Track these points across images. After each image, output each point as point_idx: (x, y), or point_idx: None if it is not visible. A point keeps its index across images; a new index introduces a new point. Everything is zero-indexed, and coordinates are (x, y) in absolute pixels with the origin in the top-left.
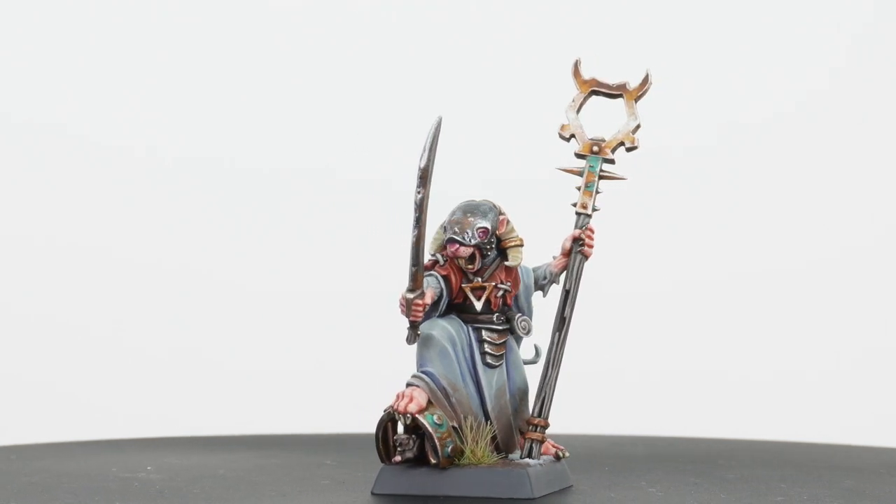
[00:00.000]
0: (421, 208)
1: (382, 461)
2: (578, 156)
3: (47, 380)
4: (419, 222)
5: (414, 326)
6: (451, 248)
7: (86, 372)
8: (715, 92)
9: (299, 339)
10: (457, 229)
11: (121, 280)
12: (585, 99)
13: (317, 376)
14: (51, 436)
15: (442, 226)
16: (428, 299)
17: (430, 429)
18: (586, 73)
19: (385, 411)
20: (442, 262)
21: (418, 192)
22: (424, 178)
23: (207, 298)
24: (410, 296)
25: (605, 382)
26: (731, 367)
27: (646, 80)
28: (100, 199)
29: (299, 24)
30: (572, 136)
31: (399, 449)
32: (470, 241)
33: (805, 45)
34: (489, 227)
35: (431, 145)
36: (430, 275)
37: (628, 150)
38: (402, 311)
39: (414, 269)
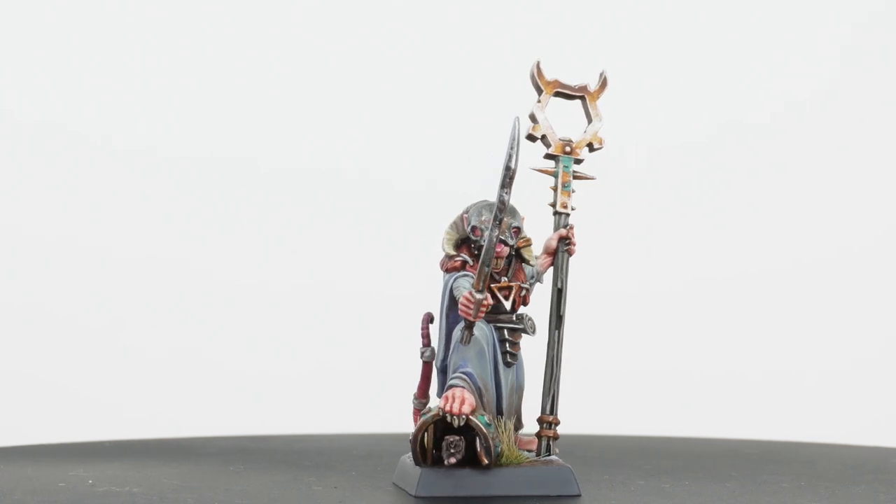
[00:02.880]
0: (504, 209)
1: (419, 464)
2: (550, 156)
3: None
4: (501, 223)
5: (471, 327)
6: (497, 249)
7: (84, 372)
8: (710, 91)
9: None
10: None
11: (111, 279)
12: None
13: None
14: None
15: (453, 224)
16: (490, 300)
17: (484, 429)
18: (548, 75)
19: (425, 413)
20: (471, 262)
21: (506, 193)
22: (513, 178)
23: (196, 298)
24: (480, 297)
25: (589, 382)
26: (727, 366)
27: (605, 82)
28: (100, 199)
29: (297, 24)
30: (543, 136)
31: (452, 451)
32: (509, 240)
33: (802, 46)
34: (521, 226)
35: (518, 146)
36: (465, 275)
37: (593, 150)
38: (468, 312)
39: (487, 269)
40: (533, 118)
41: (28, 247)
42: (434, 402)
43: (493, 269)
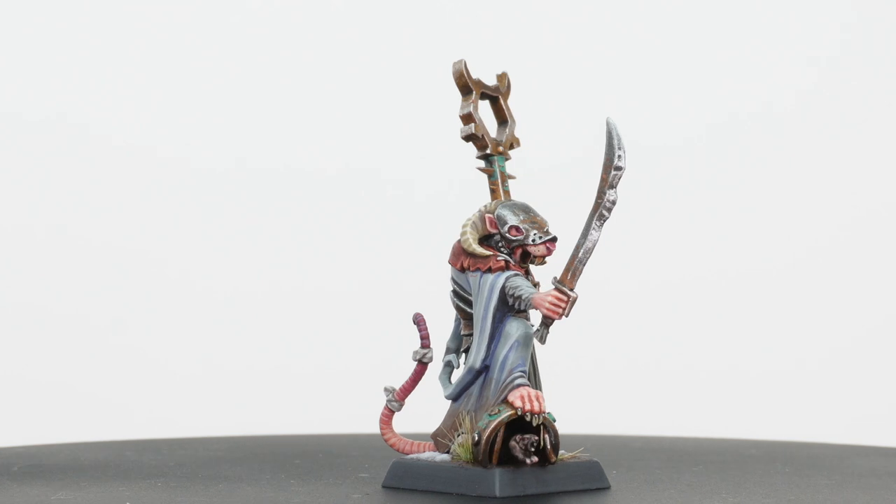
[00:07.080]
0: (612, 209)
1: (486, 466)
2: (485, 156)
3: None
4: (605, 222)
5: (549, 325)
6: (551, 247)
7: (84, 372)
8: (708, 91)
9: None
10: (546, 230)
11: (111, 279)
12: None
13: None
14: None
15: (474, 224)
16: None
17: (556, 427)
18: (473, 75)
19: (494, 414)
20: (513, 262)
21: (616, 193)
22: (621, 178)
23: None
24: (574, 294)
25: (588, 381)
26: (723, 365)
27: (509, 82)
28: (101, 198)
29: (297, 24)
30: (482, 135)
31: (532, 450)
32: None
33: (801, 45)
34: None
35: (623, 144)
36: (517, 274)
37: (512, 149)
38: (558, 311)
39: (582, 267)
40: (470, 118)
41: (28, 247)
42: (435, 406)
43: (523, 268)
